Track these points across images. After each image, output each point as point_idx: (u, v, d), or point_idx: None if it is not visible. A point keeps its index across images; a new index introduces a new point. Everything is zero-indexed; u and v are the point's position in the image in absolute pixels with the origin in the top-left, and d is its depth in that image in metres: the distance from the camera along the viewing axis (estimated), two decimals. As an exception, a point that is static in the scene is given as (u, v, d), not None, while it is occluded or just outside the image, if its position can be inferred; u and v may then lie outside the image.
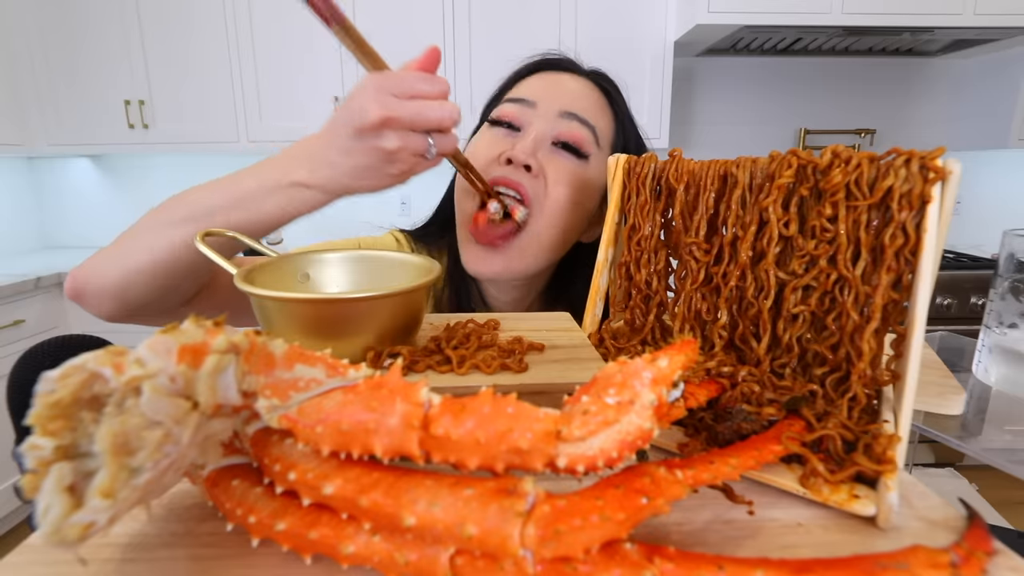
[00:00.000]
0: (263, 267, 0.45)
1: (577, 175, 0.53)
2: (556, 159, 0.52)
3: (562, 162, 0.52)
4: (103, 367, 0.21)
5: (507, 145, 0.53)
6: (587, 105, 0.55)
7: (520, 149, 0.51)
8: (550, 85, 0.55)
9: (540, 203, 0.52)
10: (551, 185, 0.51)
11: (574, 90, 0.55)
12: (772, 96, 2.28)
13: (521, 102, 0.54)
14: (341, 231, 2.50)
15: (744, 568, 0.20)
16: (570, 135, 0.53)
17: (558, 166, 0.52)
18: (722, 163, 0.39)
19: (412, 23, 1.93)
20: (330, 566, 0.24)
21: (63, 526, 0.19)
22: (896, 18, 1.75)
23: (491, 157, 0.53)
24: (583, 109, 0.54)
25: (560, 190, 0.51)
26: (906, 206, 0.29)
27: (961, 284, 1.82)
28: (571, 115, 0.53)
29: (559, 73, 0.57)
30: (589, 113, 0.54)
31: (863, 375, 0.31)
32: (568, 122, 0.53)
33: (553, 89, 0.55)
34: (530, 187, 0.51)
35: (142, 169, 2.35)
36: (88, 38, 1.98)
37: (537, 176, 0.51)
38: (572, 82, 0.56)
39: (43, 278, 1.80)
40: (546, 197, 0.52)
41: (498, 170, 0.52)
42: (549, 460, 0.21)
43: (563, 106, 0.53)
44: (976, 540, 0.23)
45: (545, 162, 0.52)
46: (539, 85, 0.56)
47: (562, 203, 0.52)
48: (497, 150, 0.53)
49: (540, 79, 0.57)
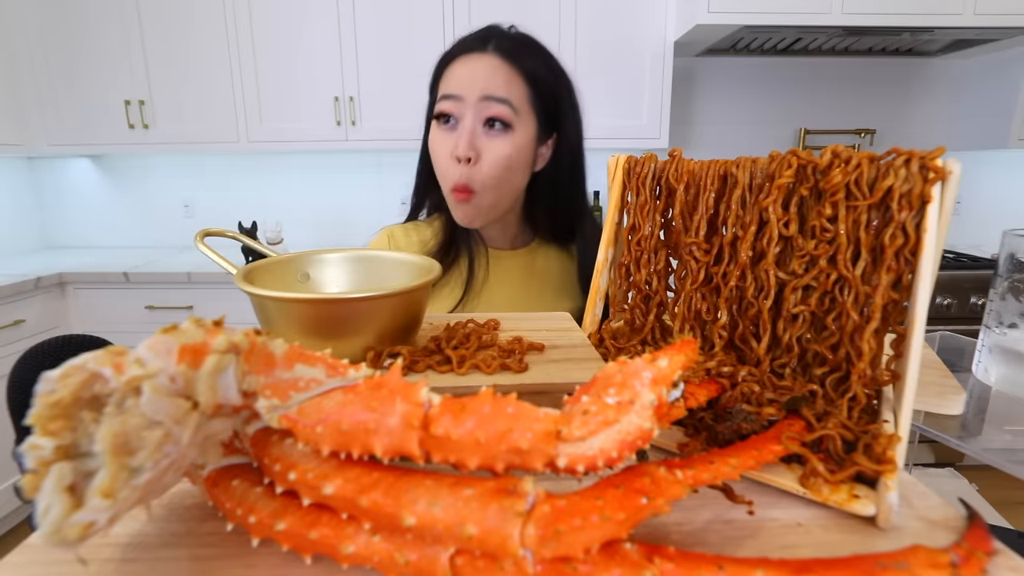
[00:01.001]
0: (263, 267, 0.45)
1: (505, 145, 0.67)
2: (489, 139, 0.67)
3: (494, 141, 0.67)
4: (103, 367, 0.21)
5: (452, 139, 0.67)
6: (498, 83, 0.66)
7: (461, 147, 0.66)
8: (468, 74, 0.67)
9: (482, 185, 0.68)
10: (485, 166, 0.67)
11: (485, 73, 0.66)
12: (772, 96, 2.28)
13: (452, 98, 0.67)
14: (341, 231, 2.50)
15: (744, 568, 0.20)
16: (492, 113, 0.66)
17: (490, 146, 0.67)
18: (722, 163, 0.39)
19: (412, 23, 1.93)
20: (330, 566, 0.24)
21: (63, 526, 0.19)
22: (896, 18, 1.75)
23: (447, 154, 0.68)
24: (496, 88, 0.66)
25: (493, 164, 0.67)
26: (906, 206, 0.29)
27: (961, 284, 1.82)
28: (488, 98, 0.66)
29: (472, 57, 0.68)
30: (502, 89, 0.66)
31: (863, 375, 0.31)
32: (488, 104, 0.66)
33: (470, 78, 0.66)
34: (470, 178, 0.67)
35: (142, 169, 2.35)
36: (88, 38, 1.98)
37: (475, 163, 0.67)
38: (483, 63, 0.67)
39: (43, 278, 1.80)
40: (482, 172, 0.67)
41: (453, 172, 0.67)
42: (549, 460, 0.21)
43: (480, 91, 0.66)
44: (976, 540, 0.23)
45: (481, 145, 0.67)
46: (460, 75, 0.67)
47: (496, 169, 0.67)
48: (449, 146, 0.67)
49: (460, 68, 0.68)
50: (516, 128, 0.67)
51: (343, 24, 1.94)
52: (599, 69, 1.96)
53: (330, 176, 2.34)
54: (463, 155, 0.65)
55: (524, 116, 0.68)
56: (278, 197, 2.35)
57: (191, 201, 2.36)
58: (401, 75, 1.97)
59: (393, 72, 1.97)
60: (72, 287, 1.90)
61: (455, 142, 0.66)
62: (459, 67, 0.68)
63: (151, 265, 1.97)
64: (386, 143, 2.02)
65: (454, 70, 0.68)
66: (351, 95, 1.99)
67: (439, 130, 0.69)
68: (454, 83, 0.67)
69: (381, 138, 2.01)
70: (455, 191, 0.68)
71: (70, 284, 1.90)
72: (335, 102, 1.99)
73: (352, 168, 2.33)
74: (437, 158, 0.69)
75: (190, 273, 1.86)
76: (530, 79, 0.68)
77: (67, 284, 1.90)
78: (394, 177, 2.34)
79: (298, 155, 2.32)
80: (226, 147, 2.05)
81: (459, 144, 0.66)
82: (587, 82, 1.97)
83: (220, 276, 1.86)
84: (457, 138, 0.66)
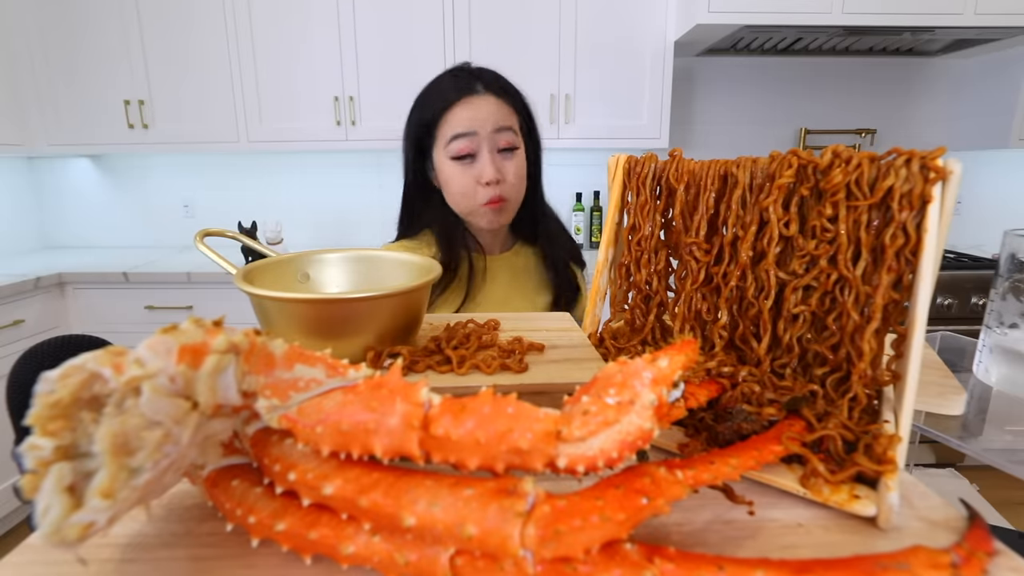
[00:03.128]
0: (263, 267, 0.45)
1: (517, 163, 0.82)
2: (505, 161, 0.81)
3: (509, 162, 0.81)
4: (103, 367, 0.21)
5: (475, 171, 0.80)
6: (502, 115, 0.80)
7: (489, 173, 0.79)
8: (476, 113, 0.79)
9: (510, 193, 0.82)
10: (509, 181, 0.81)
11: (491, 109, 0.79)
12: (772, 96, 2.28)
13: (466, 135, 0.78)
14: (341, 231, 2.50)
15: (744, 568, 0.20)
16: (506, 142, 0.80)
17: (508, 167, 0.81)
18: (722, 163, 0.39)
19: (412, 23, 1.93)
20: (330, 566, 0.24)
21: (63, 526, 0.19)
22: (896, 18, 1.74)
23: (471, 183, 0.80)
24: (503, 120, 0.80)
25: (513, 181, 0.82)
26: (907, 206, 0.29)
27: (962, 284, 1.82)
28: (499, 128, 0.79)
29: (473, 99, 0.79)
30: (506, 120, 0.80)
31: (864, 375, 0.31)
32: (500, 135, 0.80)
33: (479, 115, 0.79)
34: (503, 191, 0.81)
35: (142, 169, 2.35)
36: (88, 38, 1.98)
37: (503, 181, 0.81)
38: (485, 102, 0.79)
39: (43, 278, 1.80)
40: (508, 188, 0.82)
41: (484, 193, 0.80)
42: (549, 460, 0.21)
43: (492, 125, 0.79)
44: (977, 540, 0.23)
45: (500, 167, 0.80)
46: (467, 115, 0.79)
47: (517, 184, 0.83)
48: (472, 176, 0.80)
49: (465, 110, 0.79)
50: (519, 148, 0.82)
51: (343, 24, 1.94)
52: (599, 69, 1.96)
53: (330, 176, 2.34)
54: (494, 179, 0.79)
55: (520, 137, 0.83)
56: (278, 197, 2.35)
57: (191, 201, 2.36)
58: (401, 75, 1.97)
59: (393, 72, 1.97)
60: (72, 287, 1.90)
61: (480, 171, 0.79)
62: (463, 110, 0.79)
63: (151, 265, 1.97)
64: (386, 143, 2.01)
65: (458, 113, 0.79)
66: (351, 95, 1.99)
67: (457, 166, 0.80)
68: (465, 123, 0.78)
69: (381, 138, 2.01)
70: (490, 204, 0.81)
71: (70, 284, 1.90)
72: (335, 102, 1.99)
73: (352, 168, 2.33)
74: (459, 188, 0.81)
75: (190, 273, 1.86)
76: (518, 108, 0.83)
77: (67, 284, 1.90)
78: (394, 177, 2.32)
79: (298, 155, 2.31)
80: (226, 147, 2.05)
81: (486, 171, 0.78)
82: (587, 82, 1.98)
83: (220, 276, 1.86)
84: (481, 167, 0.79)
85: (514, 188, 0.82)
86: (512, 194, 0.82)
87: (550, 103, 1.98)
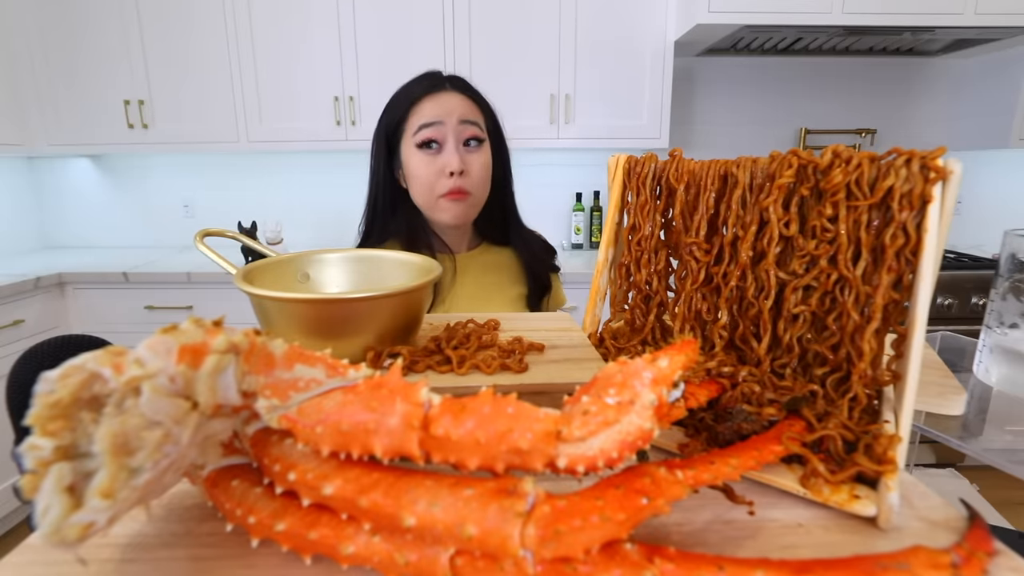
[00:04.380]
0: (263, 267, 0.45)
1: (482, 156, 0.84)
2: (470, 155, 0.83)
3: (474, 156, 0.83)
4: (103, 367, 0.21)
5: (440, 160, 0.81)
6: (467, 109, 0.83)
7: (454, 163, 0.80)
8: (442, 106, 0.81)
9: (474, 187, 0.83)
10: (473, 173, 0.83)
11: (457, 103, 0.82)
12: (772, 96, 2.28)
13: (433, 125, 0.81)
14: (341, 231, 2.50)
15: (744, 568, 0.20)
16: (470, 134, 0.82)
17: (473, 160, 0.83)
18: (722, 163, 0.39)
19: (412, 23, 1.93)
20: (330, 566, 0.24)
21: (63, 526, 0.19)
22: (896, 18, 1.74)
23: (435, 173, 0.82)
24: (468, 113, 0.82)
25: (477, 173, 0.83)
26: (907, 206, 0.29)
27: (962, 284, 1.82)
28: (464, 121, 0.82)
29: (439, 94, 0.82)
30: (472, 114, 0.83)
31: (864, 375, 0.31)
32: (465, 126, 0.82)
33: (445, 108, 0.81)
34: (466, 184, 0.82)
35: (142, 169, 2.34)
36: (88, 38, 1.98)
37: (467, 174, 0.82)
38: (452, 98, 0.82)
39: (43, 278, 1.80)
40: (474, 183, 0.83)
41: (448, 182, 0.81)
42: (549, 460, 0.21)
43: (458, 116, 0.81)
44: (977, 540, 0.23)
45: (465, 159, 0.82)
46: (434, 107, 0.81)
47: (482, 180, 0.84)
48: (437, 166, 0.82)
49: (431, 103, 0.82)
50: (484, 144, 0.85)
51: (343, 24, 1.94)
52: (599, 69, 1.96)
53: (330, 176, 2.34)
54: (458, 169, 0.80)
55: (485, 134, 0.85)
56: (278, 197, 2.35)
57: (191, 201, 2.36)
58: (401, 75, 1.94)
59: (393, 72, 1.97)
60: (72, 287, 1.90)
61: (445, 161, 0.81)
62: (430, 103, 0.82)
63: (151, 265, 1.97)
64: (386, 143, 2.01)
65: (425, 107, 0.82)
66: (351, 95, 1.99)
67: (423, 155, 0.82)
68: (431, 113, 0.81)
69: (381, 138, 2.01)
70: (451, 195, 0.81)
71: (70, 284, 1.90)
72: (335, 102, 1.99)
73: (352, 168, 2.33)
74: (423, 178, 0.83)
75: (190, 273, 1.86)
76: (482, 107, 0.86)
77: (67, 284, 1.90)
78: (394, 177, 2.34)
79: (298, 155, 2.31)
80: (226, 147, 2.04)
81: (451, 161, 0.80)
82: (587, 81, 1.98)
83: (220, 276, 1.86)
84: (447, 157, 0.81)
85: (478, 182, 0.83)
86: (476, 188, 0.83)
87: (550, 103, 1.98)
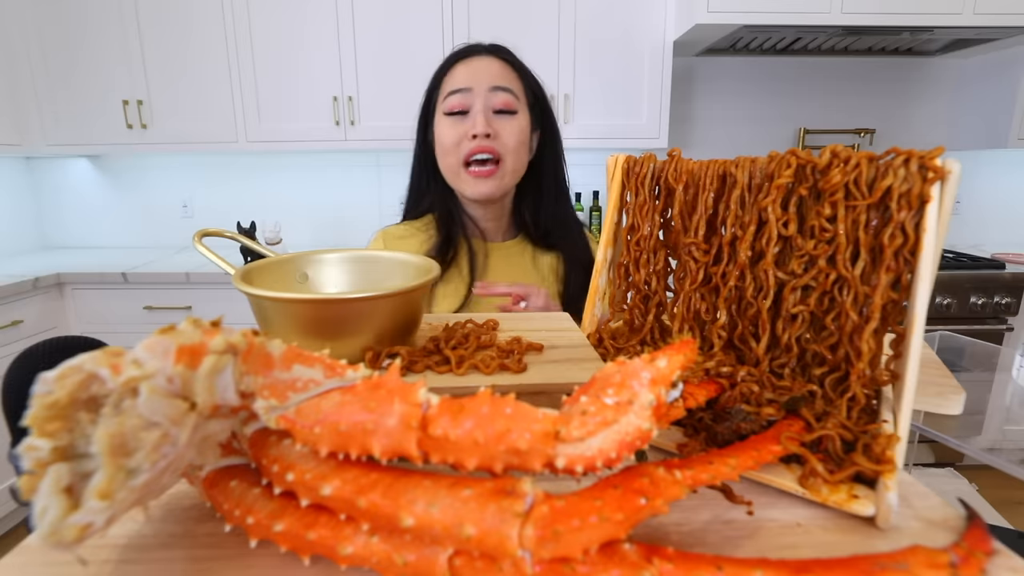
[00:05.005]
0: (262, 267, 0.45)
1: (516, 127, 0.77)
2: (500, 122, 0.77)
3: (504, 122, 0.77)
4: (100, 368, 0.21)
5: (465, 126, 0.75)
6: (501, 75, 0.77)
7: (479, 125, 0.74)
8: (474, 72, 0.76)
9: (505, 151, 0.77)
10: (505, 139, 0.77)
11: (491, 69, 0.77)
12: (771, 96, 2.28)
13: (460, 91, 0.76)
14: (340, 231, 2.50)
15: (743, 568, 0.20)
16: (502, 102, 0.76)
17: (503, 126, 0.77)
18: (721, 163, 0.39)
19: (411, 23, 1.93)
20: (328, 567, 0.24)
21: (60, 527, 0.19)
22: (895, 18, 1.75)
23: (459, 137, 0.76)
24: (500, 79, 0.77)
25: (511, 140, 0.77)
26: (905, 206, 0.29)
27: (960, 284, 1.82)
28: (496, 88, 0.76)
29: (473, 59, 0.77)
30: (506, 81, 0.77)
31: (862, 375, 0.31)
32: (496, 94, 0.76)
33: (477, 74, 0.76)
34: (495, 145, 0.76)
35: (140, 169, 2.34)
36: (86, 38, 1.97)
37: (495, 137, 0.76)
38: (486, 63, 0.77)
39: (41, 278, 1.80)
40: (505, 147, 0.77)
41: (470, 144, 0.75)
42: (548, 460, 0.21)
43: (489, 83, 0.76)
44: (975, 540, 0.23)
45: (495, 125, 0.76)
46: (466, 73, 0.77)
47: (515, 147, 0.77)
48: (461, 131, 0.76)
49: (464, 68, 0.77)
50: (519, 113, 0.78)
51: (342, 24, 1.94)
52: (599, 68, 1.96)
53: (329, 176, 2.34)
54: (482, 131, 0.74)
55: (522, 104, 0.79)
56: (277, 197, 2.35)
57: (189, 201, 2.36)
58: (400, 75, 1.97)
59: (392, 72, 1.97)
60: (70, 287, 1.90)
61: (470, 124, 0.75)
62: (463, 67, 0.77)
63: (149, 265, 1.96)
64: (385, 143, 2.01)
65: (458, 71, 0.77)
66: (350, 95, 1.99)
67: (449, 120, 0.77)
68: (461, 79, 0.76)
69: (380, 138, 2.01)
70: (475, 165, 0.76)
71: (68, 284, 1.90)
72: (334, 102, 1.99)
73: (351, 168, 2.33)
74: (447, 143, 0.77)
75: (188, 273, 1.86)
76: (522, 74, 0.80)
77: (65, 284, 1.90)
78: (393, 177, 2.34)
79: (297, 155, 2.31)
80: (225, 147, 2.04)
81: (476, 123, 0.74)
82: (587, 81, 1.98)
83: (219, 276, 1.86)
84: (472, 120, 0.75)
85: (511, 148, 0.77)
86: (507, 154, 0.77)
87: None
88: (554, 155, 0.84)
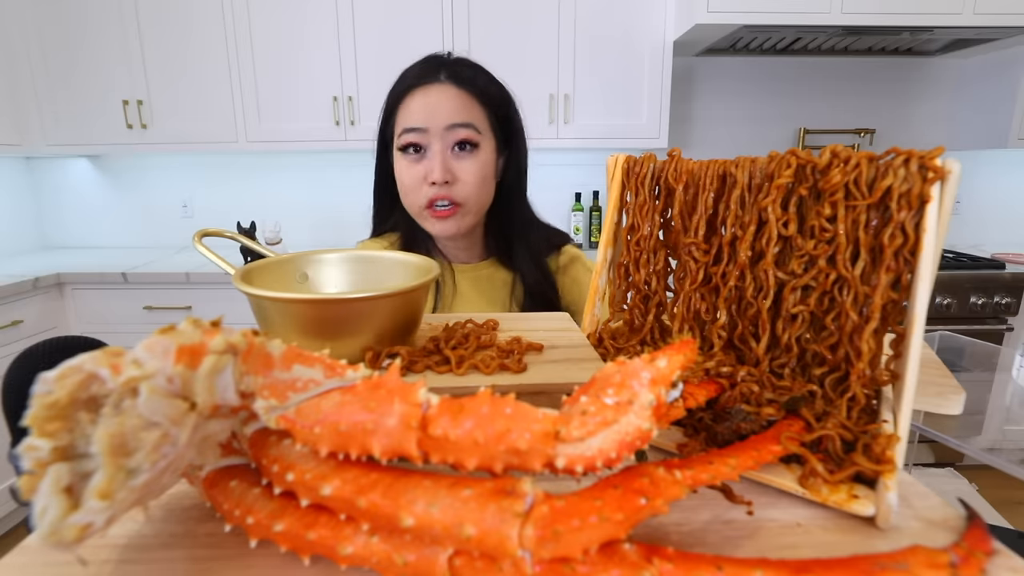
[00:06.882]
0: (262, 267, 0.45)
1: (476, 164, 0.73)
2: (460, 162, 0.72)
3: (465, 162, 0.72)
4: (100, 368, 0.21)
5: (423, 167, 0.72)
6: (459, 109, 0.71)
7: (436, 172, 0.70)
8: (430, 108, 0.71)
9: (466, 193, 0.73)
10: (464, 180, 0.72)
11: (448, 104, 0.71)
12: (771, 96, 2.28)
13: (415, 131, 0.71)
14: (340, 231, 2.49)
15: (743, 568, 0.20)
16: (460, 138, 0.71)
17: (463, 167, 0.72)
18: (721, 163, 0.39)
19: (411, 22, 1.93)
20: (328, 567, 0.24)
21: (60, 527, 0.19)
22: (895, 18, 1.75)
23: (418, 181, 0.73)
24: (458, 115, 0.71)
25: (471, 181, 0.73)
26: (905, 206, 0.29)
27: (960, 284, 1.82)
28: (453, 125, 0.71)
29: (429, 88, 0.72)
30: (463, 115, 0.71)
31: (862, 375, 0.31)
32: (454, 131, 0.71)
33: (434, 111, 0.71)
34: (454, 192, 0.72)
35: (140, 169, 2.34)
36: (86, 38, 1.97)
37: (454, 182, 0.72)
38: (443, 95, 0.71)
39: (41, 278, 1.80)
40: (465, 189, 0.73)
41: (429, 190, 0.72)
42: (548, 461, 0.21)
43: (444, 121, 0.71)
44: (975, 540, 0.23)
45: (454, 166, 0.72)
46: (422, 108, 0.71)
47: (475, 186, 0.73)
48: (419, 173, 0.72)
49: (420, 101, 0.72)
50: (482, 146, 0.73)
51: (342, 23, 1.94)
52: (598, 68, 1.96)
53: (329, 176, 2.34)
54: (440, 179, 0.70)
55: (486, 135, 0.74)
56: (277, 197, 2.35)
57: (189, 201, 2.36)
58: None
59: (392, 72, 1.95)
60: (70, 287, 1.90)
61: (427, 168, 0.71)
62: (417, 100, 0.72)
63: (149, 265, 1.96)
64: (385, 143, 2.01)
65: (414, 104, 0.72)
66: (350, 95, 1.99)
67: (406, 159, 0.73)
68: (416, 116, 0.71)
69: (380, 138, 2.01)
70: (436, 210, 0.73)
71: (68, 284, 1.90)
72: (334, 102, 1.99)
73: (351, 168, 2.33)
74: (407, 184, 0.74)
75: (188, 273, 1.86)
76: (485, 100, 0.74)
77: (65, 284, 1.90)
78: (393, 177, 2.34)
79: (297, 155, 2.31)
80: (225, 147, 2.04)
81: (434, 170, 0.70)
82: (586, 81, 1.98)
83: (218, 276, 1.86)
84: (429, 164, 0.71)
85: (471, 190, 0.72)
86: (468, 198, 0.73)
87: (549, 103, 1.98)
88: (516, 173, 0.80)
